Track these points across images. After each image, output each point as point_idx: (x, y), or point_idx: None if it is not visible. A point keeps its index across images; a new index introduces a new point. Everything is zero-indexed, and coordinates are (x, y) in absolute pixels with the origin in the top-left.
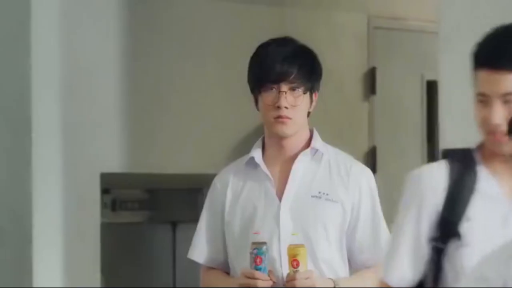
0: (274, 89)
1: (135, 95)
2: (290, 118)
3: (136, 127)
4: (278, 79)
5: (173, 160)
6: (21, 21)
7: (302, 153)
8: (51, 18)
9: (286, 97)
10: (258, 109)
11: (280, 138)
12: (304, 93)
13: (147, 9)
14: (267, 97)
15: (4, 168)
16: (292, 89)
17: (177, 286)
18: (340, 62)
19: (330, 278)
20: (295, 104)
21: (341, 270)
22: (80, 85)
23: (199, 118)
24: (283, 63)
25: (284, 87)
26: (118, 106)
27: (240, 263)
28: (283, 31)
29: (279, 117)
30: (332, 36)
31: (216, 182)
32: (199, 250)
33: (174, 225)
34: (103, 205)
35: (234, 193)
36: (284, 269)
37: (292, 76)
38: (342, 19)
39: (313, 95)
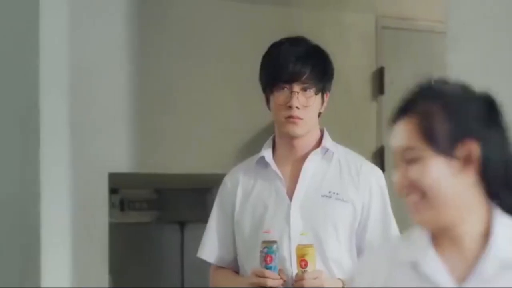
0: (286, 89)
1: (143, 95)
2: (301, 119)
3: (144, 127)
4: (291, 79)
5: (181, 160)
6: (29, 21)
7: (312, 153)
8: (59, 18)
9: (298, 97)
10: (269, 109)
11: (291, 138)
12: (316, 94)
13: (154, 9)
14: (278, 96)
15: (12, 168)
16: (304, 89)
17: (185, 286)
18: (348, 62)
19: (339, 278)
20: (306, 104)
21: (351, 269)
22: (87, 85)
23: (207, 118)
24: (296, 63)
25: (296, 87)
26: (126, 106)
27: (250, 262)
28: (290, 31)
29: (291, 117)
30: (340, 36)
31: (226, 181)
32: (209, 249)
33: (182, 225)
34: (111, 205)
35: (244, 192)
36: (294, 269)
37: (305, 76)
38: (349, 19)
39: (325, 95)
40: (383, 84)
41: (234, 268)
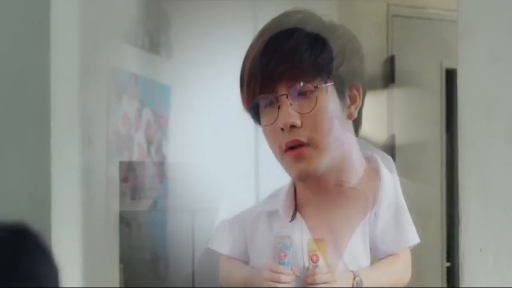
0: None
1: None
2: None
3: None
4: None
5: (192, 148)
6: (40, 9)
7: None
8: (71, 6)
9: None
10: None
11: None
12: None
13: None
14: None
15: (23, 157)
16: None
17: (195, 274)
18: None
19: (351, 271)
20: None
21: (363, 258)
22: (99, 73)
23: (220, 105)
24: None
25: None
26: None
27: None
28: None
29: None
30: (350, 25)
31: None
32: (220, 240)
33: (193, 213)
34: (122, 193)
35: None
36: (305, 259)
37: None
38: (361, 7)
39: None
40: (394, 72)
41: (245, 259)
